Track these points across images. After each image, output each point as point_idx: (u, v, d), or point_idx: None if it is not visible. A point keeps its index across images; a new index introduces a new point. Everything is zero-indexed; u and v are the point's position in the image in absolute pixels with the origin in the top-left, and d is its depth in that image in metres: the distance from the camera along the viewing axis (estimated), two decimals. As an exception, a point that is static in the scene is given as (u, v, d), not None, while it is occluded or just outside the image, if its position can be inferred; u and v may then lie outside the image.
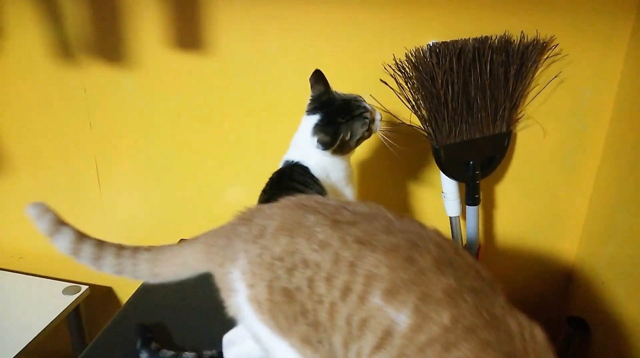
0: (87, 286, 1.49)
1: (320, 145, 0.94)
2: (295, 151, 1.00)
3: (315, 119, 0.97)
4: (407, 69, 1.10)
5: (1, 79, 1.41)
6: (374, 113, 1.00)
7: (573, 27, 1.09)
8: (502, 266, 1.33)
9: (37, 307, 1.40)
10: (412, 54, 1.09)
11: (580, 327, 1.11)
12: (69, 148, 1.45)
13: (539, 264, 1.31)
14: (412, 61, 1.09)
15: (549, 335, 0.62)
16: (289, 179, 0.95)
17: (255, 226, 0.68)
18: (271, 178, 0.98)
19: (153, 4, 1.23)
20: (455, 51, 1.06)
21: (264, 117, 1.30)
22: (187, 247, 0.74)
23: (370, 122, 0.98)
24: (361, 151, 1.25)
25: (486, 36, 1.08)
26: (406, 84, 1.11)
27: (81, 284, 1.50)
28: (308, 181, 0.95)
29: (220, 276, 0.69)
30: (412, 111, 1.12)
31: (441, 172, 1.16)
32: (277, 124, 1.29)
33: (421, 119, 1.13)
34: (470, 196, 1.19)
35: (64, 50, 1.33)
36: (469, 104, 1.10)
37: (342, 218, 0.65)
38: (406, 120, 1.16)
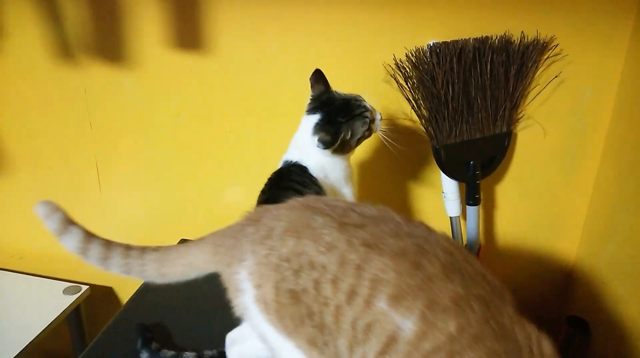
0: (87, 286, 1.49)
1: (321, 144, 0.94)
2: (294, 151, 1.00)
3: (315, 118, 0.97)
4: (408, 69, 1.10)
5: (1, 79, 1.41)
6: (374, 113, 1.00)
7: (573, 27, 1.08)
8: (502, 266, 1.33)
9: (37, 307, 1.41)
10: (412, 54, 1.09)
11: (580, 326, 1.11)
12: (69, 148, 1.45)
13: (539, 264, 1.31)
14: (412, 61, 1.09)
15: (549, 335, 0.62)
16: (288, 179, 0.95)
17: (262, 227, 0.67)
18: (270, 178, 0.98)
19: (153, 4, 1.23)
20: (456, 51, 1.06)
21: (264, 117, 1.30)
22: (194, 247, 0.74)
23: (371, 122, 0.98)
24: (361, 151, 1.25)
25: (486, 36, 1.08)
26: (406, 84, 1.11)
27: (81, 284, 1.50)
28: (306, 182, 0.95)
29: (227, 277, 0.69)
30: (413, 110, 1.13)
31: (441, 172, 1.16)
32: (277, 124, 1.29)
33: (421, 119, 1.13)
34: (470, 196, 1.19)
35: (64, 50, 1.33)
36: (470, 104, 1.10)
37: (349, 220, 0.65)
38: (407, 119, 1.16)
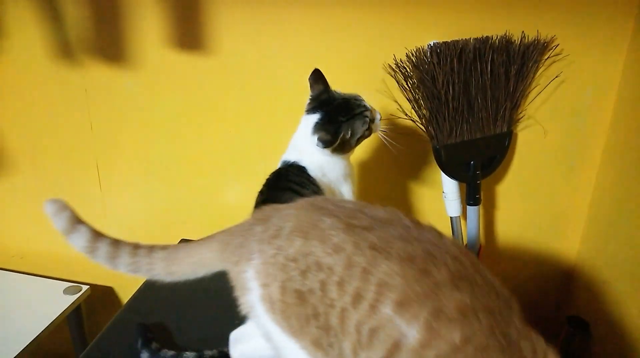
0: (87, 286, 1.49)
1: (321, 143, 0.94)
2: (293, 152, 1.00)
3: (315, 117, 0.97)
4: (408, 69, 1.10)
5: (2, 79, 1.41)
6: (374, 113, 1.00)
7: (574, 27, 1.08)
8: (502, 266, 1.33)
9: (37, 307, 1.41)
10: (412, 54, 1.09)
11: (580, 326, 1.11)
12: (69, 148, 1.45)
13: (539, 264, 1.31)
14: (412, 61, 1.09)
15: (549, 334, 0.62)
16: (286, 180, 0.95)
17: (271, 227, 0.67)
18: (268, 179, 0.98)
19: (154, 4, 1.23)
20: (456, 51, 1.06)
21: (264, 117, 1.30)
22: (203, 245, 0.74)
23: (371, 122, 0.98)
24: (361, 151, 1.25)
25: (487, 36, 1.08)
26: (407, 84, 1.11)
27: (82, 284, 1.50)
28: (304, 182, 0.95)
29: (235, 275, 0.69)
30: (413, 110, 1.13)
31: (442, 172, 1.16)
32: (277, 124, 1.29)
33: (422, 119, 1.13)
34: (471, 196, 1.19)
35: (65, 50, 1.33)
36: (470, 104, 1.10)
37: (357, 222, 0.64)
38: (407, 119, 1.16)
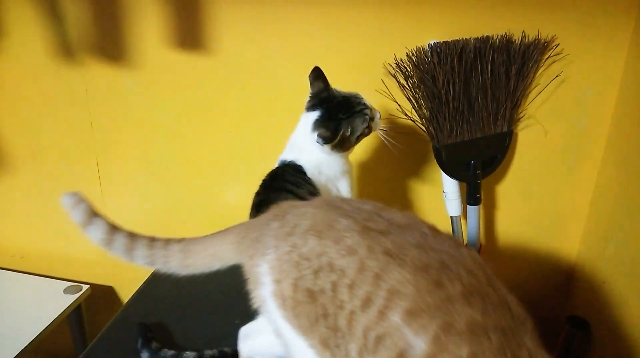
0: (88, 286, 1.49)
1: (321, 140, 0.93)
2: (290, 151, 1.00)
3: (315, 115, 0.97)
4: (408, 68, 1.10)
5: (2, 78, 1.41)
6: (374, 112, 1.00)
7: (574, 26, 1.08)
8: (503, 265, 1.33)
9: (38, 307, 1.41)
10: (413, 54, 1.08)
11: (581, 326, 1.11)
12: (70, 148, 1.45)
13: (539, 263, 1.31)
14: (413, 61, 1.09)
15: (550, 334, 0.62)
16: (281, 180, 0.96)
17: (287, 223, 0.68)
18: (264, 180, 0.98)
19: (154, 3, 1.23)
20: (457, 51, 1.06)
21: (264, 117, 1.30)
22: (219, 238, 0.75)
23: (370, 120, 0.98)
24: (361, 151, 1.24)
25: (487, 36, 1.08)
26: (407, 83, 1.11)
27: (82, 283, 1.50)
28: (300, 182, 0.95)
29: (249, 268, 0.69)
30: (414, 110, 1.12)
31: (442, 172, 1.16)
32: (277, 124, 1.28)
33: (422, 119, 1.13)
34: (471, 196, 1.18)
35: (66, 49, 1.33)
36: (470, 104, 1.10)
37: (374, 225, 0.64)
38: (407, 119, 1.16)
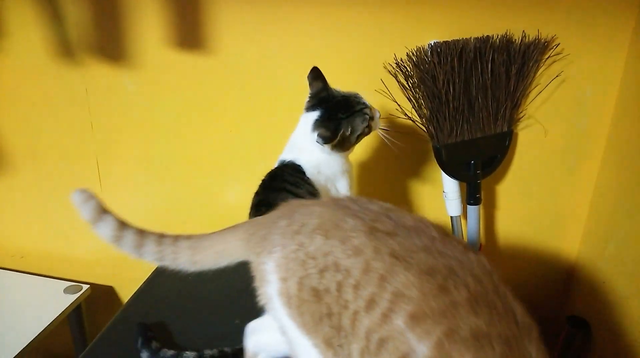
0: (88, 286, 1.49)
1: (321, 139, 0.93)
2: (290, 150, 1.00)
3: (315, 115, 0.97)
4: (408, 68, 1.10)
5: (3, 78, 1.41)
6: (373, 111, 1.00)
7: (574, 26, 1.08)
8: (503, 265, 1.32)
9: (38, 306, 1.41)
10: (413, 54, 1.08)
11: (581, 326, 1.11)
12: (70, 148, 1.45)
13: (539, 263, 1.31)
14: (413, 60, 1.08)
15: (550, 334, 0.62)
16: (280, 180, 0.96)
17: (295, 222, 0.68)
18: (263, 180, 0.98)
19: (154, 3, 1.23)
20: (457, 51, 1.06)
21: (264, 117, 1.30)
22: (227, 235, 0.75)
23: (370, 119, 0.98)
24: (362, 150, 1.24)
25: (487, 36, 1.08)
26: (407, 83, 1.11)
27: (82, 283, 1.50)
28: (299, 182, 0.95)
29: (256, 266, 0.70)
30: (414, 109, 1.12)
31: (442, 171, 1.16)
32: (277, 124, 1.28)
33: (422, 118, 1.13)
34: (471, 196, 1.18)
35: (66, 50, 1.33)
36: (470, 104, 1.10)
37: (381, 226, 0.63)
38: (407, 119, 1.16)
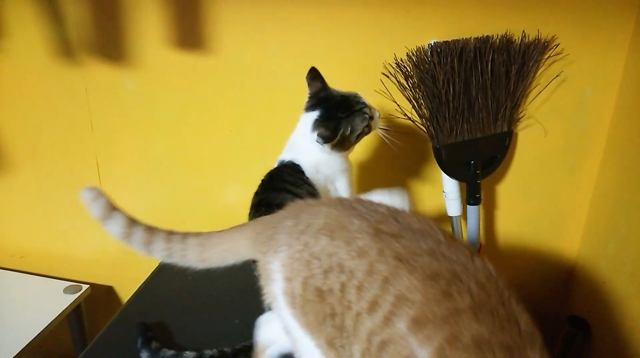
0: (88, 286, 1.49)
1: (321, 139, 0.93)
2: (289, 150, 1.01)
3: (314, 114, 0.97)
4: (408, 68, 1.10)
5: (3, 78, 1.41)
6: (373, 110, 1.00)
7: (574, 26, 1.08)
8: (503, 265, 1.32)
9: (38, 306, 1.41)
10: (413, 54, 1.08)
11: (581, 326, 1.11)
12: (70, 148, 1.45)
13: (540, 263, 1.31)
14: (413, 60, 1.08)
15: (550, 334, 0.62)
16: (279, 180, 0.96)
17: (301, 222, 0.68)
18: (262, 180, 0.98)
19: (154, 3, 1.23)
20: (457, 51, 1.06)
21: (264, 117, 1.30)
22: (235, 233, 0.75)
23: (370, 119, 0.98)
24: (362, 150, 1.24)
25: (487, 36, 1.08)
26: (407, 83, 1.11)
27: (82, 283, 1.50)
28: (298, 182, 0.95)
29: (262, 264, 0.70)
30: (414, 109, 1.12)
31: (442, 171, 1.16)
32: (277, 124, 1.28)
33: (422, 119, 1.12)
34: (471, 196, 1.18)
35: (66, 49, 1.33)
36: (470, 104, 1.10)
37: (386, 228, 0.63)
38: (406, 119, 1.16)
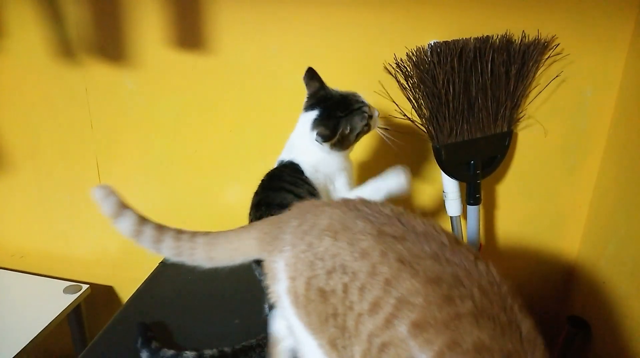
0: (87, 286, 1.49)
1: (320, 138, 0.93)
2: (289, 150, 1.01)
3: (314, 114, 0.97)
4: (408, 68, 1.10)
5: (3, 78, 1.41)
6: (372, 109, 1.00)
7: (574, 26, 1.08)
8: (503, 265, 1.32)
9: (38, 306, 1.40)
10: (413, 54, 1.08)
11: (581, 326, 1.11)
12: (70, 148, 1.45)
13: (539, 263, 1.31)
14: (413, 60, 1.08)
15: (550, 334, 0.62)
16: (279, 180, 0.96)
17: (306, 222, 0.69)
18: (262, 180, 0.98)
19: (154, 3, 1.23)
20: (457, 51, 1.06)
21: (264, 117, 1.30)
22: (243, 233, 0.76)
23: (369, 118, 0.98)
24: (362, 150, 1.24)
25: (487, 36, 1.08)
26: (407, 83, 1.11)
27: (82, 283, 1.50)
28: (298, 182, 0.95)
29: (268, 264, 0.71)
30: (413, 110, 1.12)
31: (442, 172, 1.16)
32: (277, 124, 1.28)
33: (422, 119, 1.12)
34: (471, 196, 1.18)
35: (66, 49, 1.33)
36: (470, 104, 1.10)
37: (390, 230, 0.63)
38: (406, 119, 1.16)
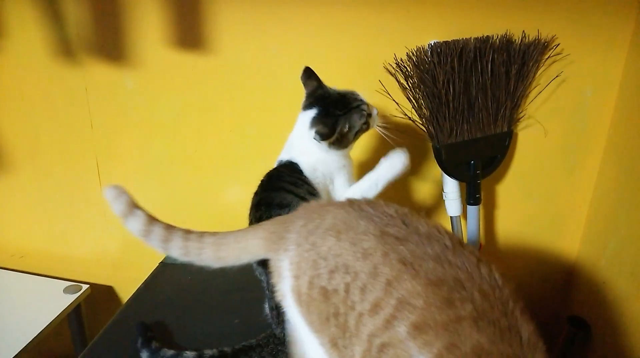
0: (87, 285, 1.49)
1: (318, 136, 0.93)
2: (288, 150, 1.01)
3: (312, 112, 0.97)
4: (408, 68, 1.10)
5: (3, 78, 1.41)
6: (371, 108, 1.00)
7: (574, 26, 1.08)
8: (503, 265, 1.32)
9: (38, 306, 1.40)
10: (413, 54, 1.08)
11: (581, 326, 1.11)
12: (70, 147, 1.45)
13: (540, 263, 1.31)
14: (413, 60, 1.08)
15: (550, 335, 0.62)
16: (278, 180, 0.96)
17: (311, 222, 0.70)
18: (262, 180, 0.98)
19: (154, 3, 1.23)
20: (457, 51, 1.06)
21: (264, 117, 1.30)
22: (250, 232, 0.77)
23: (368, 116, 0.98)
24: (362, 150, 1.24)
25: (487, 36, 1.08)
26: (407, 83, 1.11)
27: (82, 283, 1.50)
28: (297, 181, 0.95)
29: (274, 262, 0.73)
30: (414, 109, 1.12)
31: (442, 172, 1.16)
32: (277, 124, 1.28)
33: (422, 119, 1.12)
34: (471, 196, 1.18)
35: (66, 49, 1.33)
36: (470, 104, 1.10)
37: (393, 230, 0.63)
38: (406, 119, 1.16)
